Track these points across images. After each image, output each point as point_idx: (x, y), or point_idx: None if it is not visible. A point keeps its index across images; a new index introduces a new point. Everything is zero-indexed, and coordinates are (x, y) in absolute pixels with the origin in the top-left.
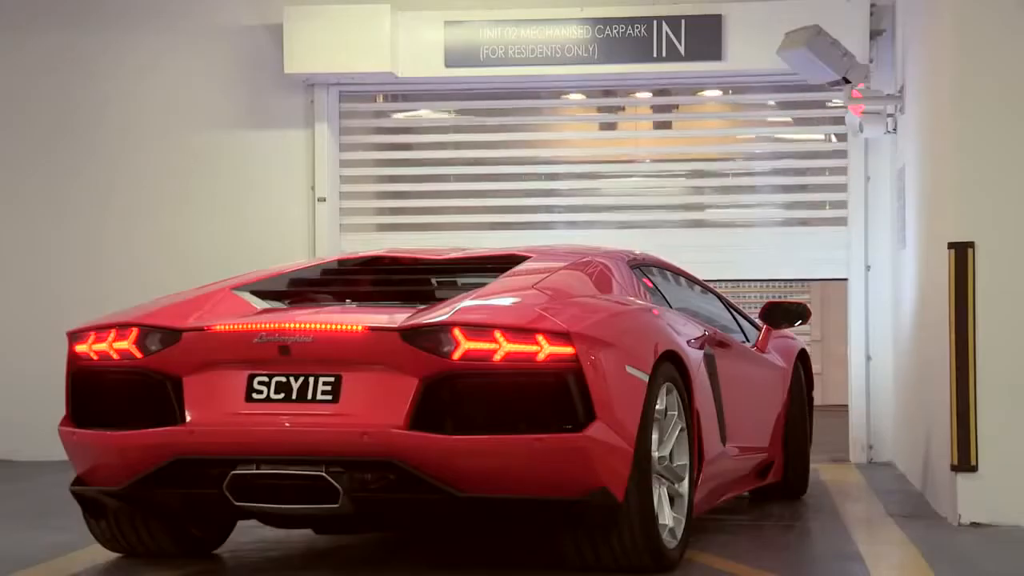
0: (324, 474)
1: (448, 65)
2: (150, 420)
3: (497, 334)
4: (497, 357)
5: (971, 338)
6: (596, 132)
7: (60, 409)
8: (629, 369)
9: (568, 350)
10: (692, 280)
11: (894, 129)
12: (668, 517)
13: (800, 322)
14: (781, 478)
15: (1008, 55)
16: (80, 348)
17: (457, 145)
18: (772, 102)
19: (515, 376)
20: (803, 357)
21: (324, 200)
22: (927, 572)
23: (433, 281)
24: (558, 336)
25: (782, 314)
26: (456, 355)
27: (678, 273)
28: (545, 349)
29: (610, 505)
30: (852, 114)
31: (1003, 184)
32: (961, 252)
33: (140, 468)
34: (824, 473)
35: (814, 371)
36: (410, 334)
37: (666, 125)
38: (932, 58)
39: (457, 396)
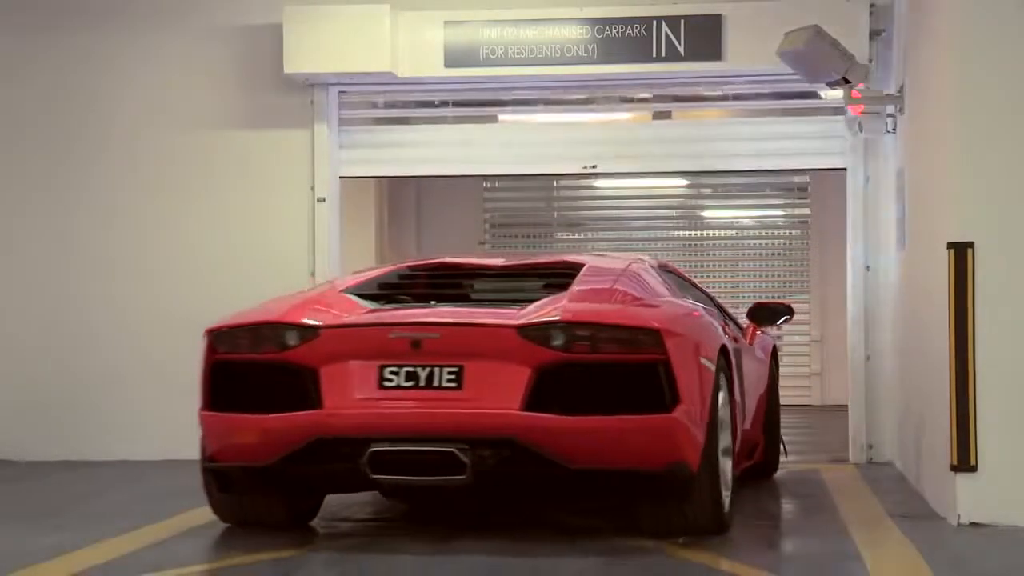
0: (455, 450)
1: (448, 65)
2: (291, 405)
3: (599, 330)
4: (599, 349)
5: (971, 338)
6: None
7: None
8: (702, 360)
9: (659, 344)
10: (691, 283)
11: (894, 129)
12: (726, 486)
13: (785, 319)
14: (762, 458)
15: (1008, 55)
16: (220, 343)
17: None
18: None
19: (614, 366)
20: (774, 353)
21: (324, 200)
22: (926, 572)
23: (512, 284)
24: (651, 332)
25: (768, 313)
26: (565, 348)
27: (681, 276)
28: (640, 343)
29: (687, 475)
30: (852, 114)
31: (1003, 184)
32: (961, 252)
33: (283, 447)
34: (824, 473)
35: (814, 371)
36: (526, 330)
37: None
38: (932, 58)
39: (565, 383)
